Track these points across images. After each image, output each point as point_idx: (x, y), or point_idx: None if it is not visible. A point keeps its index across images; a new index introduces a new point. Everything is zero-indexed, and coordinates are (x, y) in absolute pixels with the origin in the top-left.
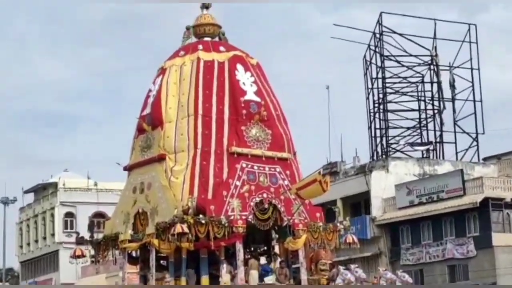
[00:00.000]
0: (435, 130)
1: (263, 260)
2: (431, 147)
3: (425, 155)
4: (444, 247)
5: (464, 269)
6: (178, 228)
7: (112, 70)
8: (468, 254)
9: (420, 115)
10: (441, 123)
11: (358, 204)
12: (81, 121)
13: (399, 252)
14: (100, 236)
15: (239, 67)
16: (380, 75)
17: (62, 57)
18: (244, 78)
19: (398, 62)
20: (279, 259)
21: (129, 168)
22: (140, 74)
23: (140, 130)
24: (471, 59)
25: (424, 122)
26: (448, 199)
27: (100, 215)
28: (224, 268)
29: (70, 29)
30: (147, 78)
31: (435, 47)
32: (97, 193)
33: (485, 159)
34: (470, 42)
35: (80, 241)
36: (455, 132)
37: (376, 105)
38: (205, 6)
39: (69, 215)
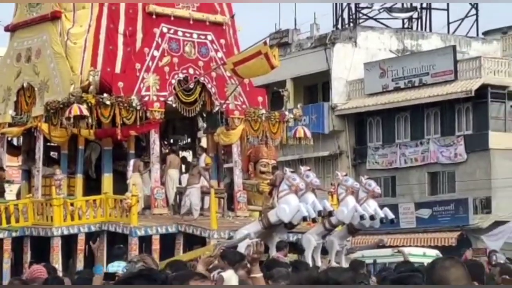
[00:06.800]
0: None
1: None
2: (415, 14)
3: (406, 25)
4: (425, 148)
5: (449, 178)
6: (75, 109)
7: None
8: (456, 158)
9: None
10: None
11: (315, 87)
12: None
13: (365, 153)
14: None
15: None
16: None
17: None
18: None
19: None
20: (203, 156)
21: (11, 28)
22: None
23: None
24: None
25: None
26: (434, 85)
27: None
28: (132, 165)
29: None
30: None
31: None
32: None
33: (486, 33)
34: None
35: None
36: None
37: None
38: None
39: None
